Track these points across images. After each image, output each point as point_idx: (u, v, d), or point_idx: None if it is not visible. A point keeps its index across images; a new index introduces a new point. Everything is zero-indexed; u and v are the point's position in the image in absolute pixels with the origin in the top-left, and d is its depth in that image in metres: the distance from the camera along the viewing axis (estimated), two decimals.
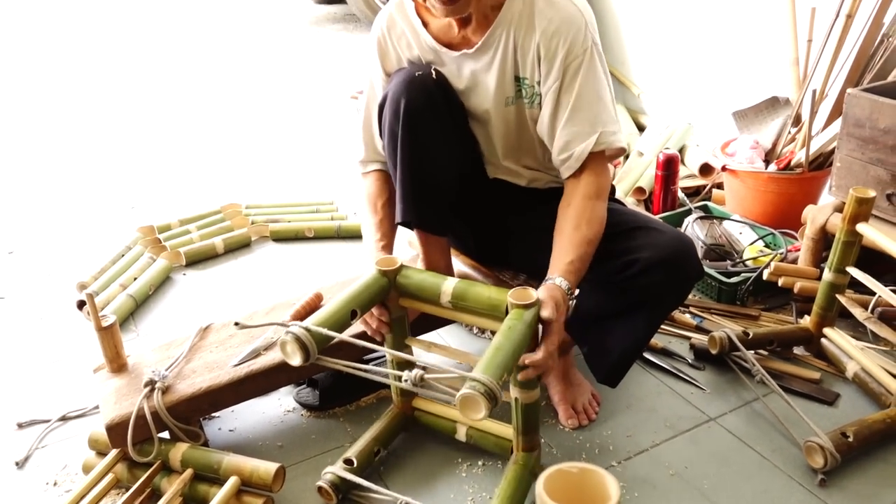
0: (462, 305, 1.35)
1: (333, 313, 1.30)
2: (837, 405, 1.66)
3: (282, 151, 3.29)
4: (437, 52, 1.49)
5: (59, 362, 1.94)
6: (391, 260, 1.42)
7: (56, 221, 2.73)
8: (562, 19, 1.38)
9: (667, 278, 1.41)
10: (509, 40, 1.42)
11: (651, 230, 1.45)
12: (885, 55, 2.06)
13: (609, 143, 1.42)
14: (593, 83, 1.41)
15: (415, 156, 1.45)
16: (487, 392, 1.10)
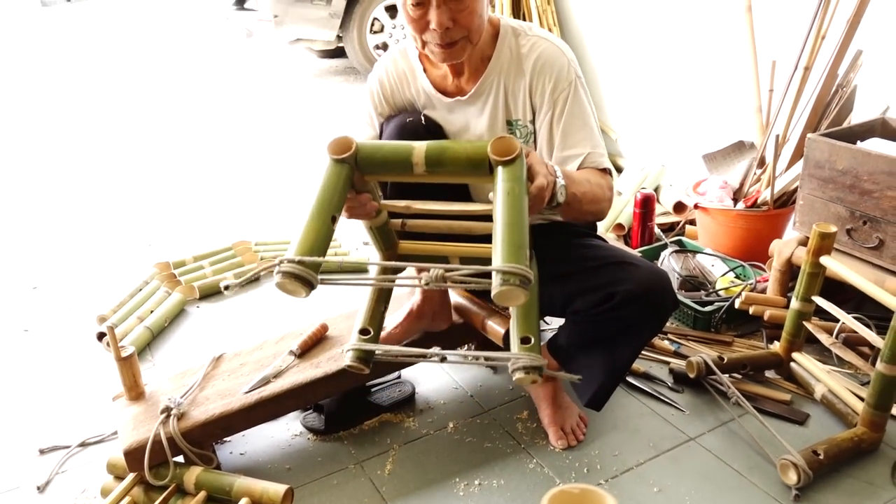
0: (440, 171, 1.19)
1: (314, 230, 1.14)
2: (808, 425, 1.65)
3: (288, 191, 3.29)
4: (432, 96, 1.51)
5: (79, 391, 1.91)
6: (345, 142, 1.20)
7: (78, 258, 2.71)
8: (546, 58, 1.42)
9: (645, 309, 1.43)
10: (500, 87, 1.45)
11: (629, 265, 1.46)
12: (840, 103, 2.09)
13: (597, 162, 1.44)
14: (580, 111, 1.44)
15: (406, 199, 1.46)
16: (522, 280, 1.01)
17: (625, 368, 1.57)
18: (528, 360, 1.19)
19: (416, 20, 1.34)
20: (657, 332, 1.64)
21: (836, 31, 2.04)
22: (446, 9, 1.31)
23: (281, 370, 1.60)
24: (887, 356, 1.44)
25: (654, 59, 2.90)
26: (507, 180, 1.10)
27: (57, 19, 10.46)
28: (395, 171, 1.21)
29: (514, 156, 1.12)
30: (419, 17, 1.33)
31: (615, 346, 1.49)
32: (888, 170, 1.68)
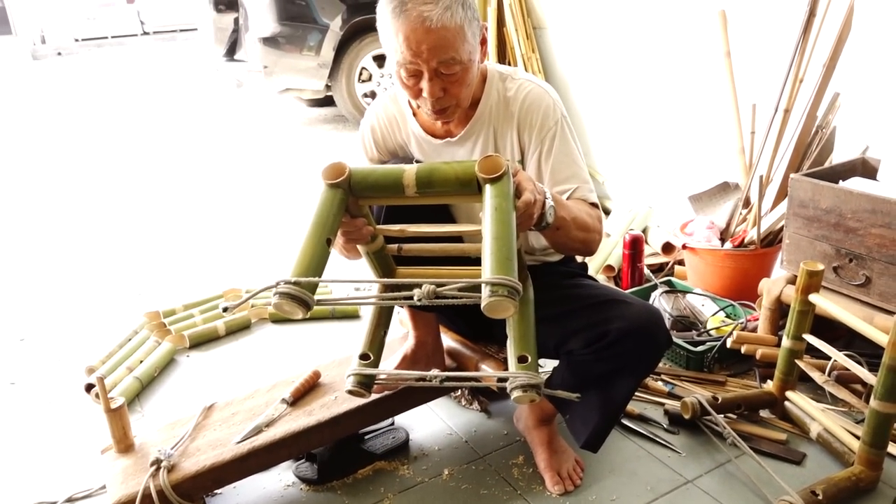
0: (430, 192, 1.21)
1: (309, 252, 1.17)
2: (804, 464, 1.64)
3: (279, 239, 3.29)
4: (422, 139, 1.54)
5: (66, 444, 1.87)
6: (338, 167, 1.24)
7: (66, 309, 2.68)
8: (532, 99, 1.46)
9: (638, 347, 1.43)
10: (489, 129, 1.48)
11: (622, 303, 1.47)
12: (820, 144, 2.14)
13: (586, 196, 1.47)
14: (567, 149, 1.47)
15: None
16: (511, 291, 1.03)
17: (620, 408, 1.56)
18: (525, 378, 1.19)
19: (409, 87, 1.37)
20: (651, 370, 1.64)
21: (814, 75, 2.10)
22: (438, 81, 1.34)
23: (273, 419, 1.58)
24: (880, 393, 1.44)
25: (639, 103, 2.96)
26: (494, 196, 1.13)
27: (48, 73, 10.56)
28: (387, 193, 1.24)
29: (500, 173, 1.14)
30: (413, 85, 1.36)
31: (610, 386, 1.48)
32: (871, 208, 1.71)
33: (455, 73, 1.34)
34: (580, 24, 3.15)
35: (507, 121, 1.48)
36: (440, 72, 1.33)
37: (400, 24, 1.29)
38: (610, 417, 1.53)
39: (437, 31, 1.28)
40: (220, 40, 5.96)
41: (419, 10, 1.27)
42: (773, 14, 2.29)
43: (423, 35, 1.28)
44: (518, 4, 3.34)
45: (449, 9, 1.28)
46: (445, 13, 1.28)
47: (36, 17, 13.74)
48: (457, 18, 1.29)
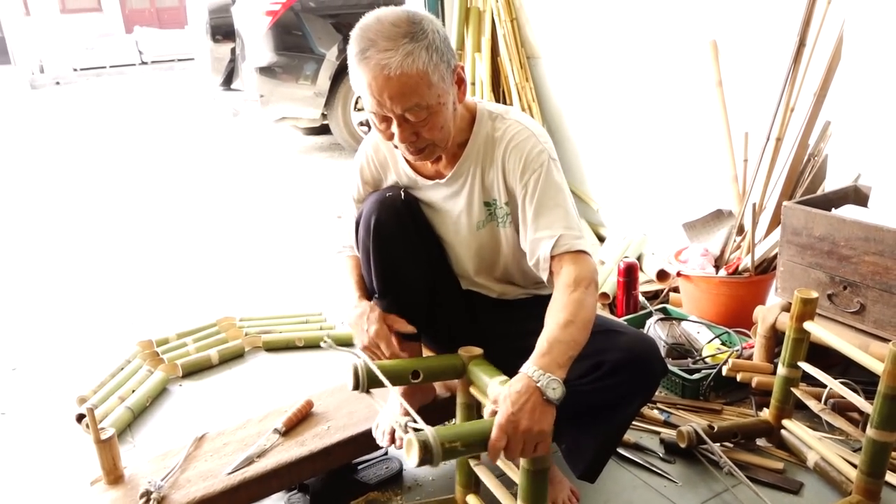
0: None
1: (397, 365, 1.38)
2: (802, 494, 1.62)
3: (273, 267, 3.29)
4: (412, 179, 1.52)
5: (56, 475, 1.85)
6: (471, 349, 1.42)
7: (58, 338, 2.67)
8: (516, 142, 1.41)
9: (634, 377, 1.40)
10: (476, 170, 1.45)
11: (615, 332, 1.44)
12: (812, 172, 2.16)
13: (570, 245, 1.35)
14: (551, 192, 1.39)
15: (386, 269, 1.48)
16: (425, 443, 1.10)
17: (617, 438, 1.54)
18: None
19: (383, 132, 1.36)
20: (648, 400, 1.59)
21: (805, 104, 2.13)
22: (408, 126, 1.31)
23: (265, 449, 1.56)
24: (877, 422, 1.44)
25: (632, 131, 2.98)
26: None
27: (46, 102, 10.63)
28: None
29: None
30: (385, 129, 1.35)
31: (607, 417, 1.46)
32: (864, 235, 1.72)
33: (424, 119, 1.31)
34: (574, 54, 3.18)
35: (493, 162, 1.44)
36: (407, 118, 1.30)
37: (363, 71, 1.27)
38: (607, 448, 1.51)
39: (398, 79, 1.25)
40: (217, 70, 6.02)
41: (377, 58, 1.24)
42: (764, 44, 2.33)
43: (383, 83, 1.26)
44: (512, 34, 3.38)
45: (410, 55, 1.25)
46: (406, 59, 1.24)
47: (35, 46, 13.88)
48: (418, 64, 1.25)
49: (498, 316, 1.63)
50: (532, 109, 3.34)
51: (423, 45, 1.26)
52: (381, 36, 1.25)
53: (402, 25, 1.26)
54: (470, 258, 1.56)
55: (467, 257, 1.56)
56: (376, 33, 1.26)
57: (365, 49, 1.26)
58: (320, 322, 2.65)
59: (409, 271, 1.49)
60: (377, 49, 1.25)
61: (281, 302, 2.88)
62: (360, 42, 1.27)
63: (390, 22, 1.27)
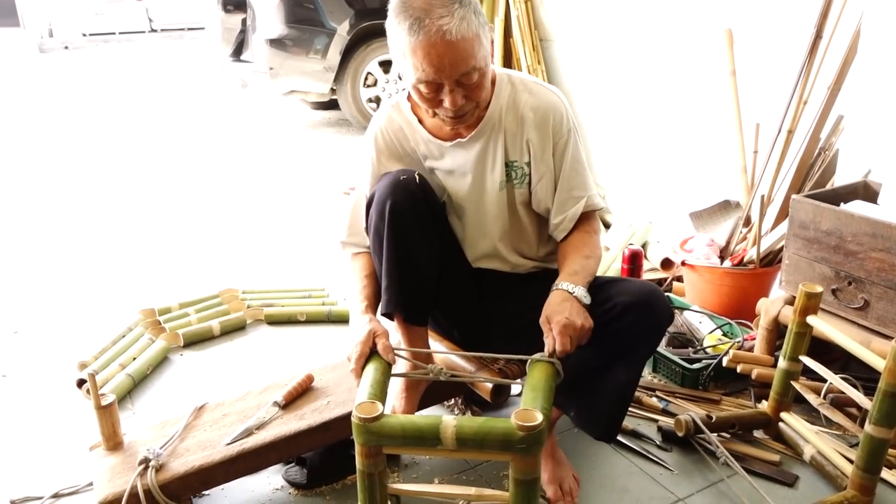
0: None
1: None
2: (797, 487, 1.63)
3: (278, 241, 3.29)
4: (432, 143, 1.51)
5: (55, 439, 1.86)
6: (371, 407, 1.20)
7: (61, 303, 2.67)
8: (546, 106, 1.48)
9: (641, 319, 1.42)
10: (499, 131, 1.47)
11: (623, 281, 1.53)
12: (823, 165, 2.14)
13: (594, 204, 1.54)
14: (577, 156, 1.52)
15: (398, 254, 1.45)
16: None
17: (629, 392, 1.51)
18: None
19: (429, 100, 1.36)
20: (655, 347, 1.62)
21: (818, 97, 2.10)
22: (460, 90, 1.33)
23: (264, 422, 1.57)
24: (875, 418, 1.43)
25: (642, 118, 2.96)
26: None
27: (54, 66, 10.58)
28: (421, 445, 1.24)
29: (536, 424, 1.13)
30: (433, 97, 1.35)
31: (616, 369, 1.45)
32: (871, 231, 1.71)
33: (475, 81, 1.34)
34: (586, 38, 3.15)
35: (517, 122, 1.48)
36: (461, 82, 1.32)
37: (418, 41, 1.27)
38: (620, 402, 1.50)
39: (457, 44, 1.27)
40: (227, 40, 5.98)
41: (437, 24, 1.26)
42: (780, 35, 2.30)
43: (444, 49, 1.27)
44: (525, 16, 3.35)
45: (464, 19, 1.28)
46: (462, 24, 1.27)
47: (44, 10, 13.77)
48: (473, 27, 1.29)
49: (506, 293, 1.63)
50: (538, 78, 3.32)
51: (471, 8, 1.30)
52: (433, 3, 1.27)
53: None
54: (491, 221, 1.56)
55: (490, 220, 1.56)
56: (426, 2, 1.27)
57: (421, 18, 1.27)
58: (322, 297, 2.65)
59: (423, 255, 1.47)
60: (434, 17, 1.26)
61: (284, 276, 2.88)
62: (409, 12, 1.28)
63: None
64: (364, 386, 1.26)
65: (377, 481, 1.22)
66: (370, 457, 1.20)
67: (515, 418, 1.13)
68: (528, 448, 1.13)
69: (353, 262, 1.62)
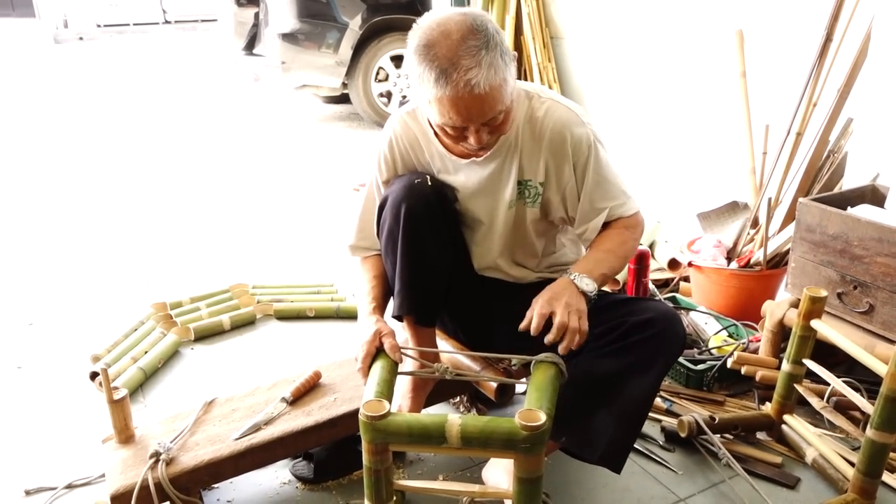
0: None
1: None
2: (798, 489, 1.64)
3: (287, 237, 3.32)
4: (446, 158, 1.49)
5: (69, 431, 1.90)
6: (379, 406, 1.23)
7: (75, 295, 2.72)
8: (563, 127, 1.43)
9: (656, 337, 1.37)
10: (515, 149, 1.45)
11: (639, 300, 1.50)
12: (831, 168, 2.14)
13: (618, 214, 1.51)
14: (600, 170, 1.49)
15: (412, 257, 1.46)
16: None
17: (639, 414, 1.41)
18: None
19: (453, 137, 1.35)
20: (668, 368, 1.45)
21: (828, 99, 2.11)
22: (485, 129, 1.32)
23: (272, 417, 1.60)
24: (877, 423, 1.44)
25: (652, 116, 2.96)
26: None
27: (69, 57, 10.66)
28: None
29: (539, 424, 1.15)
30: (456, 135, 1.34)
31: (624, 386, 1.37)
32: (878, 236, 1.71)
33: (501, 120, 1.32)
34: (597, 36, 3.16)
35: (533, 141, 1.45)
36: (487, 123, 1.31)
37: (445, 94, 1.24)
38: (628, 424, 1.40)
39: (486, 94, 1.24)
40: (240, 34, 6.02)
41: (465, 78, 1.22)
42: (791, 37, 2.30)
43: (471, 101, 1.24)
44: (536, 14, 3.35)
45: (491, 66, 1.24)
46: (489, 72, 1.24)
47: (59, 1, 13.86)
48: (500, 73, 1.25)
49: (510, 297, 1.63)
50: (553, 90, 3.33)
51: (496, 52, 1.25)
52: (459, 54, 1.22)
53: (472, 37, 1.24)
54: (497, 238, 1.56)
55: (495, 237, 1.56)
56: (452, 51, 1.23)
57: (447, 71, 1.22)
58: (331, 293, 2.68)
59: (435, 258, 1.49)
60: (461, 70, 1.22)
61: (293, 271, 2.91)
62: (435, 62, 1.24)
63: (461, 35, 1.24)
64: (371, 384, 1.29)
65: (383, 477, 1.25)
66: (377, 454, 1.23)
67: (519, 418, 1.15)
68: (531, 448, 1.16)
69: (361, 264, 1.63)
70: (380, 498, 1.26)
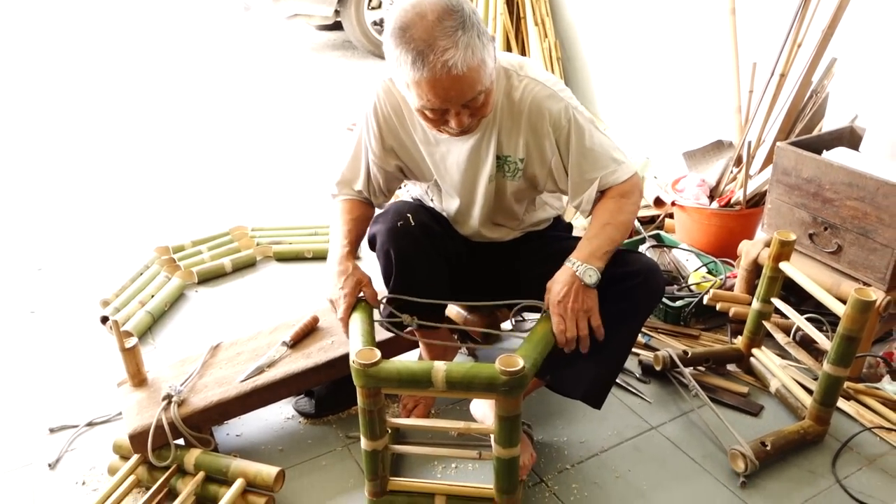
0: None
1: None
2: (761, 416, 1.79)
3: (284, 177, 3.39)
4: (427, 129, 1.51)
5: (85, 372, 2.04)
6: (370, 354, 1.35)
7: (81, 239, 2.81)
8: (539, 103, 1.44)
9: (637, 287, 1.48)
10: (494, 124, 1.47)
11: (625, 252, 1.54)
12: (813, 108, 2.20)
13: (611, 182, 1.49)
14: (583, 140, 1.47)
15: (410, 291, 1.54)
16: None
17: (618, 358, 1.53)
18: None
19: (433, 121, 1.36)
20: (647, 316, 1.59)
21: (813, 39, 2.14)
22: (465, 111, 1.33)
23: (274, 360, 1.73)
24: (833, 358, 1.58)
25: (644, 53, 2.98)
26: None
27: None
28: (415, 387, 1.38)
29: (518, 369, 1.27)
30: (436, 119, 1.35)
31: (609, 334, 1.46)
32: (848, 181, 1.80)
33: (481, 101, 1.33)
34: None
35: (511, 118, 1.46)
36: (467, 105, 1.32)
37: (423, 77, 1.24)
38: (609, 367, 1.52)
39: (464, 76, 1.25)
40: None
41: (442, 59, 1.22)
42: None
43: (449, 83, 1.25)
44: None
45: (469, 47, 1.24)
46: (467, 52, 1.24)
47: None
48: (477, 54, 1.25)
49: (492, 253, 1.71)
50: (545, 24, 3.32)
51: (473, 32, 1.25)
52: (436, 35, 1.22)
53: (448, 18, 1.24)
54: (478, 209, 1.61)
55: (475, 208, 1.61)
56: (427, 33, 1.23)
57: (424, 53, 1.23)
58: (328, 235, 2.77)
59: (432, 285, 1.57)
60: (438, 51, 1.22)
61: (291, 213, 3.00)
62: (411, 44, 1.24)
63: (436, 17, 1.23)
64: (357, 335, 1.41)
65: (377, 416, 1.39)
66: (370, 396, 1.36)
67: (499, 364, 1.28)
68: (510, 391, 1.28)
69: (341, 204, 1.67)
70: (374, 434, 1.40)
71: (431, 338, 1.68)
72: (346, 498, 1.57)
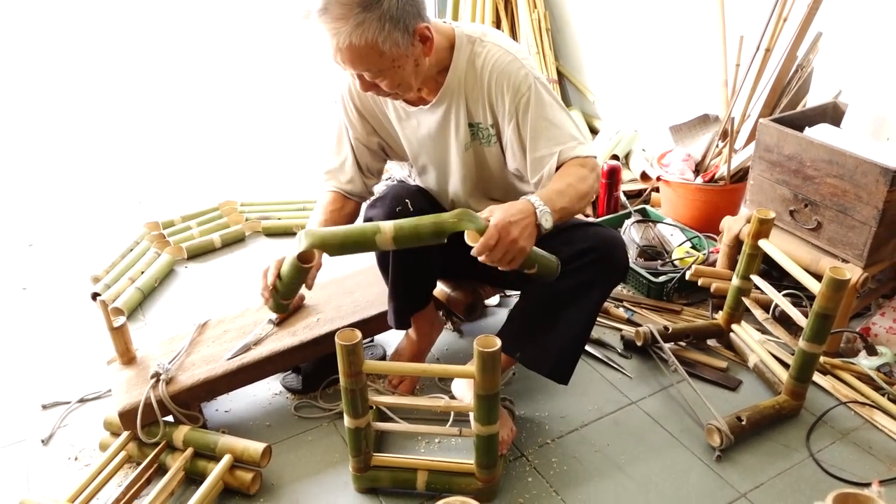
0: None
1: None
2: (739, 391, 1.82)
3: (273, 152, 3.38)
4: (398, 105, 1.56)
5: (77, 349, 2.06)
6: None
7: (71, 215, 2.82)
8: (500, 67, 1.44)
9: (597, 263, 1.47)
10: (460, 95, 1.49)
11: (585, 226, 1.54)
12: (798, 83, 2.19)
13: (570, 157, 1.44)
14: (543, 112, 1.45)
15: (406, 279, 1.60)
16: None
17: (580, 333, 1.55)
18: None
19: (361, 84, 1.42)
20: (608, 292, 1.57)
21: (798, 13, 2.12)
22: (364, 81, 1.39)
23: (261, 338, 1.75)
24: (808, 335, 1.60)
25: (633, 25, 2.95)
26: None
27: None
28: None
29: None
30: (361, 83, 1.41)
31: (568, 308, 1.50)
32: (828, 158, 1.81)
33: (379, 79, 1.37)
34: None
35: (476, 85, 1.48)
36: (362, 75, 1.37)
37: (317, 29, 1.30)
38: (572, 341, 1.54)
39: (348, 49, 1.29)
40: None
41: (329, 26, 1.28)
42: None
43: (334, 50, 1.31)
44: None
45: (360, 25, 1.27)
46: (356, 31, 1.27)
47: None
48: (367, 35, 1.27)
49: None
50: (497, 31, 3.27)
51: (375, 14, 1.27)
52: (334, 1, 1.26)
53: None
54: (461, 180, 1.62)
55: (459, 179, 1.62)
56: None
57: (321, 10, 1.27)
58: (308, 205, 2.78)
59: (426, 273, 1.65)
60: (329, 16, 1.27)
61: (279, 188, 3.00)
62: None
63: None
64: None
65: (359, 395, 1.42)
66: (351, 376, 1.39)
67: (477, 344, 1.30)
68: (486, 369, 1.31)
69: (325, 194, 1.72)
70: (356, 412, 1.43)
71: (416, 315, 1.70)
72: (332, 472, 1.61)
